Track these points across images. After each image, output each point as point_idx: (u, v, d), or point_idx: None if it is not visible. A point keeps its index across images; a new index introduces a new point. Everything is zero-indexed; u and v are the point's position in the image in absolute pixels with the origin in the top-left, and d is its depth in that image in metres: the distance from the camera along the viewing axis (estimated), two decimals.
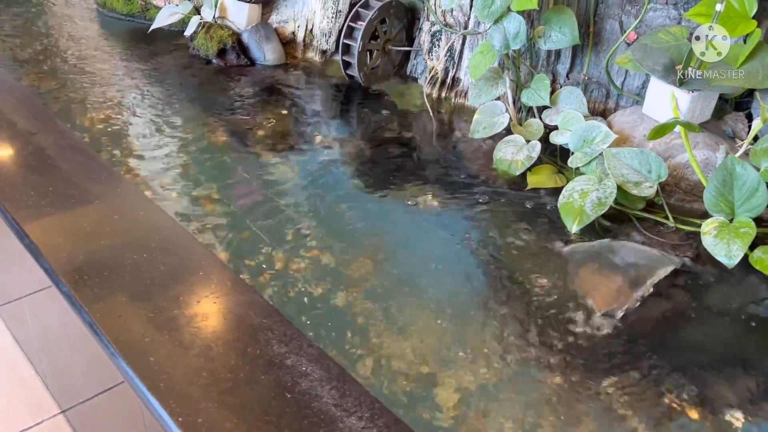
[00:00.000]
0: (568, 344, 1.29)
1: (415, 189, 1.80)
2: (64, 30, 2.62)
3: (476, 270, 1.51)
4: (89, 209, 1.29)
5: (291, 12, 2.51)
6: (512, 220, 1.67)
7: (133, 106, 2.08)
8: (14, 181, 1.34)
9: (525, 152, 1.84)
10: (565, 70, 2.06)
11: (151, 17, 2.66)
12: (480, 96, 2.06)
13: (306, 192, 1.76)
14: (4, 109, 1.63)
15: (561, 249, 1.56)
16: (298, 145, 2.00)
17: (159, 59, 2.44)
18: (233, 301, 1.08)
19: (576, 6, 1.97)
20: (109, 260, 1.15)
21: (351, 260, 1.49)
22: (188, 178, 1.74)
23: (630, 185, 1.62)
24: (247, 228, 1.58)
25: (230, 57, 2.42)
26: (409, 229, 1.65)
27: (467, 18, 2.17)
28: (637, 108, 1.86)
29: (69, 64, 2.31)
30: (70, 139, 1.53)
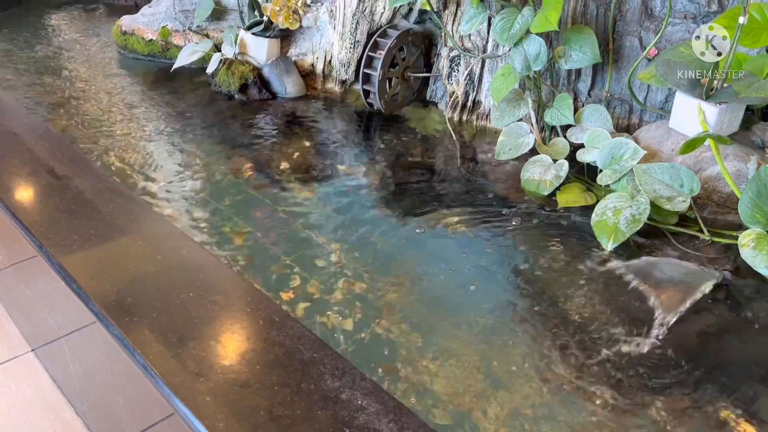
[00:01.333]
0: (612, 363, 1.28)
1: (443, 213, 1.81)
2: (88, 72, 2.68)
3: (512, 293, 1.51)
4: (133, 250, 1.30)
5: (309, 44, 2.55)
6: (545, 241, 1.67)
7: (160, 144, 2.11)
8: (58, 226, 1.37)
9: (553, 172, 1.84)
10: (587, 88, 2.08)
11: (172, 56, 2.71)
12: (503, 118, 2.08)
13: (333, 221, 1.77)
14: (41, 155, 1.66)
15: (597, 268, 1.56)
16: (323, 175, 2.02)
17: (183, 97, 2.48)
18: (283, 336, 1.09)
19: (594, 24, 1.99)
20: (157, 301, 1.16)
21: (383, 287, 1.50)
22: (218, 213, 1.76)
23: (663, 200, 1.61)
24: (278, 260, 1.59)
25: (252, 92, 2.46)
26: (440, 253, 1.65)
27: (485, 42, 2.20)
28: (662, 122, 1.86)
29: (95, 107, 2.36)
30: (106, 181, 1.56)
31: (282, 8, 2.44)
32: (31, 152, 1.68)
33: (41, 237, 1.33)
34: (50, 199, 1.46)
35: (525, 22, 1.89)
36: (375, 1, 2.32)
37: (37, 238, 1.33)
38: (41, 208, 1.44)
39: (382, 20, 2.36)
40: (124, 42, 2.85)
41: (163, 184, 1.88)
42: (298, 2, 2.46)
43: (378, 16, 2.35)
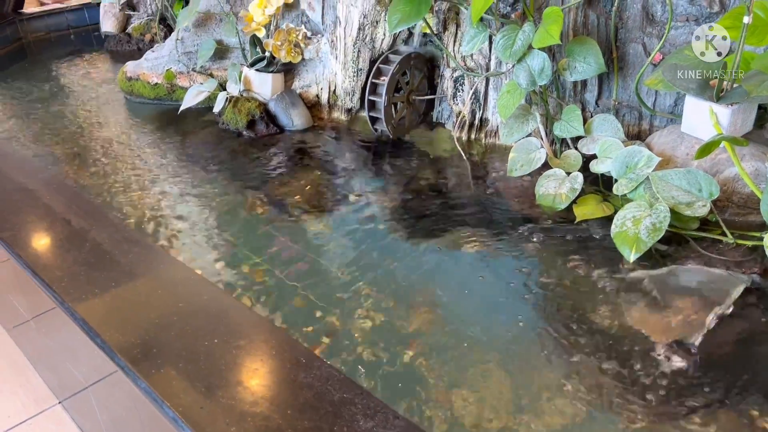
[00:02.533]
0: (647, 377, 1.26)
1: (460, 235, 1.80)
2: (97, 121, 2.71)
3: (536, 311, 1.49)
4: (154, 299, 1.30)
5: (313, 76, 2.56)
6: (566, 256, 1.65)
7: (172, 187, 2.12)
8: (78, 280, 1.37)
9: (567, 185, 1.83)
10: (594, 98, 2.07)
11: (178, 98, 2.74)
12: (512, 134, 2.07)
13: (350, 250, 1.76)
14: (58, 209, 1.67)
15: (622, 280, 1.54)
16: (336, 205, 2.02)
17: (191, 137, 2.50)
18: (311, 378, 1.08)
19: (596, 34, 1.98)
20: (182, 349, 1.16)
21: (405, 315, 1.48)
22: (233, 251, 1.76)
23: (682, 206, 1.59)
24: (298, 294, 1.59)
25: (260, 127, 2.47)
26: (460, 276, 1.64)
27: (488, 60, 2.20)
28: (674, 127, 1.84)
29: (106, 155, 2.38)
30: (123, 231, 1.56)
31: (283, 43, 2.46)
32: (47, 207, 1.70)
33: (62, 293, 1.34)
34: (69, 253, 1.47)
35: (526, 38, 1.89)
36: (375, 29, 2.33)
37: (59, 294, 1.34)
38: (60, 262, 1.44)
39: (383, 47, 2.37)
40: (129, 87, 2.88)
41: (179, 227, 1.88)
42: (298, 36, 2.48)
43: (379, 43, 2.36)
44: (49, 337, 1.78)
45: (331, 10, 2.44)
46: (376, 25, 2.33)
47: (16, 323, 2.06)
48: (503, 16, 2.06)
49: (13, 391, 1.88)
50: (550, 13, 1.83)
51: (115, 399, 1.45)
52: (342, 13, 2.35)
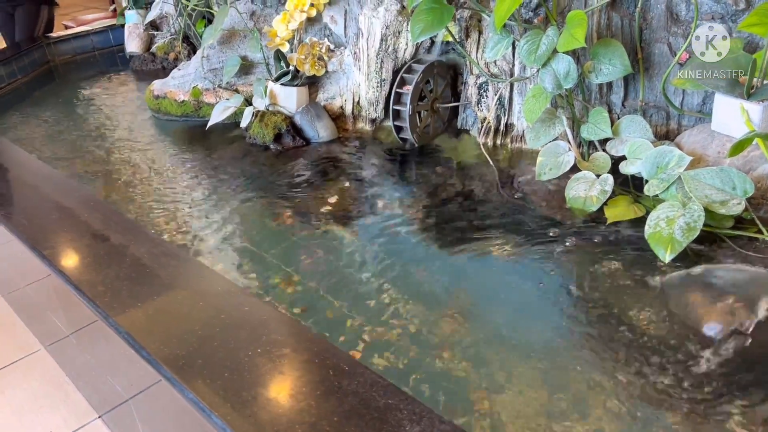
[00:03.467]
0: (690, 377, 1.25)
1: (491, 240, 1.80)
2: (127, 138, 2.76)
3: (572, 314, 1.48)
4: (195, 312, 1.32)
5: (337, 88, 2.59)
6: (600, 258, 1.65)
7: (204, 202, 2.15)
8: (120, 294, 1.40)
9: (598, 187, 1.83)
10: (620, 99, 2.06)
11: (205, 114, 2.78)
12: (538, 138, 2.07)
13: (379, 259, 1.77)
14: (95, 225, 1.71)
15: (658, 280, 1.53)
16: (364, 214, 2.03)
17: (219, 152, 2.54)
18: (355, 385, 1.09)
19: (620, 36, 1.99)
20: (227, 359, 1.17)
21: (438, 322, 1.49)
22: (264, 263, 1.78)
23: (716, 205, 1.58)
24: (330, 304, 1.60)
25: (286, 140, 2.50)
26: (492, 282, 1.64)
27: (512, 65, 2.21)
28: (703, 126, 1.84)
29: (138, 172, 2.42)
30: (161, 246, 1.59)
31: (307, 56, 2.49)
32: (85, 224, 1.73)
33: (106, 307, 1.36)
34: (110, 268, 1.50)
35: (551, 42, 1.90)
36: (397, 39, 2.36)
37: (102, 308, 1.36)
38: (102, 277, 1.47)
39: (406, 56, 2.39)
40: (157, 105, 2.93)
41: (212, 240, 1.91)
42: (322, 49, 2.51)
43: (401, 53, 2.38)
44: (89, 352, 1.82)
45: (353, 23, 2.47)
46: (399, 36, 2.35)
47: (55, 339, 2.10)
48: (526, 22, 2.07)
49: (53, 406, 1.91)
50: (573, 17, 1.84)
51: (157, 410, 1.47)
52: (364, 25, 2.38)
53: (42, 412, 1.89)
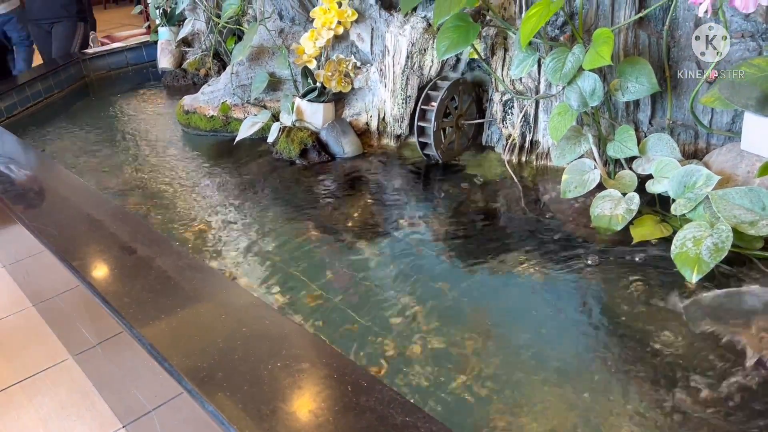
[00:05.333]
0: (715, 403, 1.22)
1: (514, 258, 1.79)
2: (157, 152, 2.82)
3: (597, 335, 1.46)
4: (218, 324, 1.34)
5: (362, 104, 2.61)
6: (625, 278, 1.63)
7: (230, 215, 2.19)
8: (145, 306, 1.42)
9: (624, 206, 1.81)
10: (647, 117, 2.04)
11: (233, 130, 2.83)
12: (564, 156, 2.06)
13: (403, 276, 1.77)
14: (123, 238, 1.74)
15: (685, 302, 1.50)
16: (388, 230, 2.04)
17: (247, 167, 2.58)
18: (373, 401, 1.09)
19: (648, 54, 1.97)
20: (247, 373, 1.19)
21: (461, 340, 1.48)
22: (289, 277, 1.80)
23: (745, 226, 1.55)
24: (352, 320, 1.60)
25: (312, 155, 2.53)
26: (515, 300, 1.63)
27: (537, 83, 2.20)
28: (732, 145, 1.81)
29: (167, 185, 2.47)
30: (186, 258, 1.62)
31: (334, 73, 2.52)
32: (113, 236, 1.77)
33: (130, 318, 1.39)
34: (136, 280, 1.53)
35: (577, 60, 1.89)
36: (423, 56, 2.37)
37: (127, 320, 1.39)
38: (129, 289, 1.50)
39: (431, 73, 2.41)
40: (187, 120, 2.99)
41: (237, 254, 1.94)
42: (348, 66, 2.54)
43: (427, 70, 2.40)
44: (115, 362, 1.84)
45: (379, 40, 2.49)
46: (424, 53, 2.37)
47: (82, 349, 2.14)
48: (552, 39, 2.07)
49: (79, 414, 1.94)
50: (600, 35, 1.83)
51: (179, 422, 1.48)
52: (390, 42, 2.40)
53: (68, 420, 1.92)
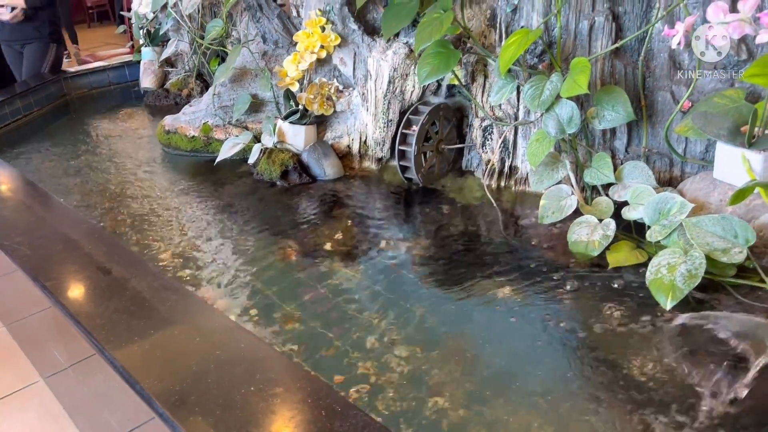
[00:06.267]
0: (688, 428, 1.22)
1: (492, 283, 1.79)
2: (136, 172, 2.80)
3: (572, 361, 1.47)
4: (192, 347, 1.32)
5: (344, 127, 2.63)
6: (601, 304, 1.64)
7: (208, 236, 2.17)
8: (118, 327, 1.40)
9: (600, 231, 1.83)
10: (624, 145, 2.08)
11: (214, 150, 2.82)
12: (542, 181, 2.09)
13: (381, 298, 1.77)
14: (98, 258, 1.72)
15: (659, 328, 1.52)
16: (368, 253, 2.03)
17: (226, 187, 2.57)
18: (347, 426, 1.08)
19: (624, 83, 2.01)
20: (220, 397, 1.17)
21: (439, 364, 1.48)
22: (265, 299, 1.78)
23: (718, 253, 1.58)
24: (330, 343, 1.59)
25: (293, 177, 2.53)
26: (493, 325, 1.63)
27: (516, 109, 2.23)
28: (706, 173, 1.84)
29: (146, 205, 2.45)
30: (162, 279, 1.60)
31: (316, 96, 2.53)
32: (88, 256, 1.75)
33: (103, 340, 1.37)
34: (110, 301, 1.51)
35: (554, 88, 1.92)
36: (404, 81, 2.40)
37: (99, 342, 1.36)
38: (102, 310, 1.48)
39: (413, 98, 2.43)
40: (167, 140, 2.98)
41: (215, 275, 1.92)
42: (330, 89, 2.56)
43: (408, 95, 2.42)
44: (86, 385, 1.81)
45: (362, 65, 2.52)
46: (406, 78, 2.40)
47: (53, 371, 2.10)
48: (531, 67, 2.10)
49: None
50: (577, 64, 1.87)
51: None
52: (373, 67, 2.43)
53: None
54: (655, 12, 1.92)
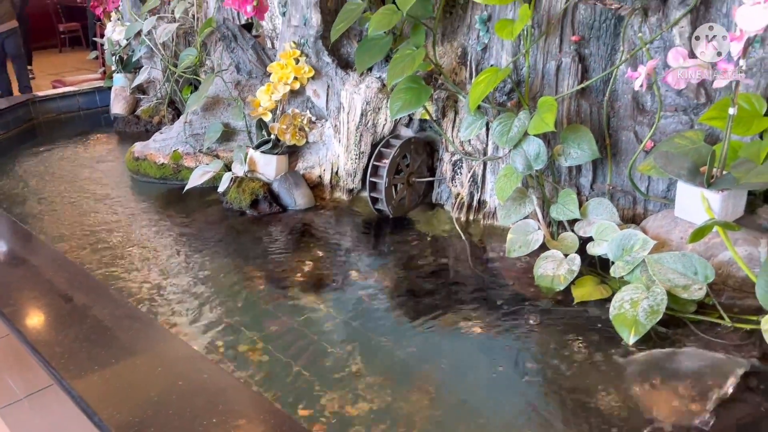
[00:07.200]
0: None
1: (460, 315, 1.80)
2: (100, 198, 2.76)
3: (537, 394, 1.48)
4: (153, 377, 1.30)
5: (316, 158, 2.64)
6: (565, 338, 1.66)
7: (175, 265, 2.14)
8: (77, 356, 1.37)
9: (565, 266, 1.85)
10: (589, 182, 2.13)
11: (183, 178, 2.80)
12: (509, 216, 2.12)
13: (349, 330, 1.76)
14: (60, 285, 1.69)
15: (621, 362, 1.54)
16: (337, 284, 2.03)
17: (195, 215, 2.55)
18: None
19: (589, 122, 2.07)
20: (180, 429, 1.15)
21: (405, 397, 1.47)
22: (231, 330, 1.76)
23: (679, 289, 1.61)
24: (296, 374, 1.57)
25: (263, 206, 2.52)
26: (460, 357, 1.63)
27: (485, 145, 2.28)
28: (667, 211, 1.89)
29: (111, 232, 2.42)
30: (125, 308, 1.57)
31: (288, 126, 2.55)
32: (50, 283, 1.71)
33: (61, 369, 1.33)
34: (70, 330, 1.47)
35: (522, 125, 1.97)
36: (377, 115, 2.43)
37: (58, 372, 1.33)
38: (61, 339, 1.44)
39: (385, 131, 2.46)
40: (136, 167, 2.96)
41: (179, 304, 1.89)
42: (303, 120, 2.58)
43: (380, 128, 2.45)
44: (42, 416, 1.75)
45: (335, 97, 2.55)
46: (378, 112, 2.43)
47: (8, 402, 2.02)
48: (499, 105, 2.15)
49: None
50: (544, 102, 1.92)
51: None
52: (346, 100, 2.46)
53: None
54: (619, 55, 1.99)
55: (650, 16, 1.90)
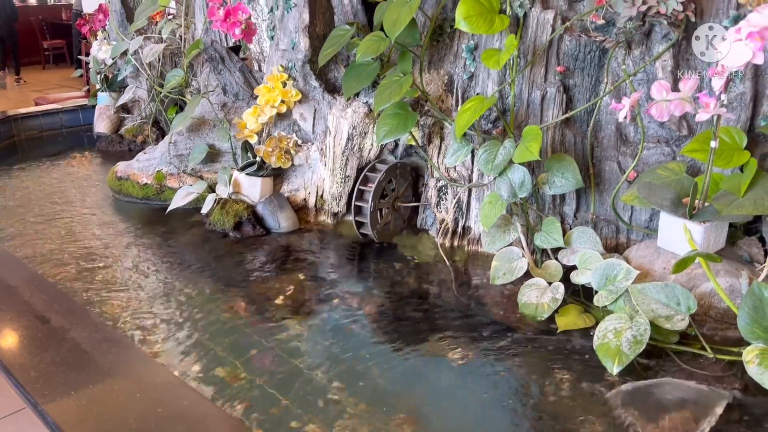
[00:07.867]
0: None
1: (443, 342, 1.79)
2: (84, 219, 2.72)
3: (520, 424, 1.46)
4: (132, 403, 1.27)
5: (301, 181, 2.63)
6: (549, 367, 1.65)
7: (156, 287, 2.11)
8: (54, 381, 1.33)
9: (549, 294, 1.86)
10: (573, 211, 2.14)
11: (166, 198, 2.78)
12: (494, 243, 2.12)
13: (331, 356, 1.74)
14: (38, 307, 1.65)
15: (605, 393, 1.53)
16: (319, 309, 2.01)
17: (177, 237, 2.52)
18: None
19: (573, 152, 2.09)
20: None
21: (387, 425, 1.45)
22: (212, 355, 1.73)
23: (662, 319, 1.62)
24: (277, 401, 1.55)
25: (246, 229, 2.50)
26: (443, 385, 1.62)
27: (470, 171, 2.29)
28: (650, 241, 1.91)
29: (91, 253, 2.38)
30: (104, 331, 1.54)
31: (274, 149, 2.55)
32: (27, 304, 1.68)
33: (36, 394, 1.30)
34: (46, 353, 1.44)
35: (507, 153, 1.99)
36: (363, 139, 2.43)
37: (32, 395, 1.29)
38: (37, 362, 1.41)
39: (371, 156, 2.46)
40: (119, 186, 2.93)
41: (159, 328, 1.86)
42: (289, 143, 2.58)
43: (366, 152, 2.46)
44: None
45: (321, 121, 2.55)
46: (365, 136, 2.43)
47: None
48: (485, 132, 2.17)
49: None
50: (529, 131, 1.94)
51: None
52: (332, 123, 2.46)
53: None
54: (603, 86, 2.03)
55: (634, 49, 1.94)
